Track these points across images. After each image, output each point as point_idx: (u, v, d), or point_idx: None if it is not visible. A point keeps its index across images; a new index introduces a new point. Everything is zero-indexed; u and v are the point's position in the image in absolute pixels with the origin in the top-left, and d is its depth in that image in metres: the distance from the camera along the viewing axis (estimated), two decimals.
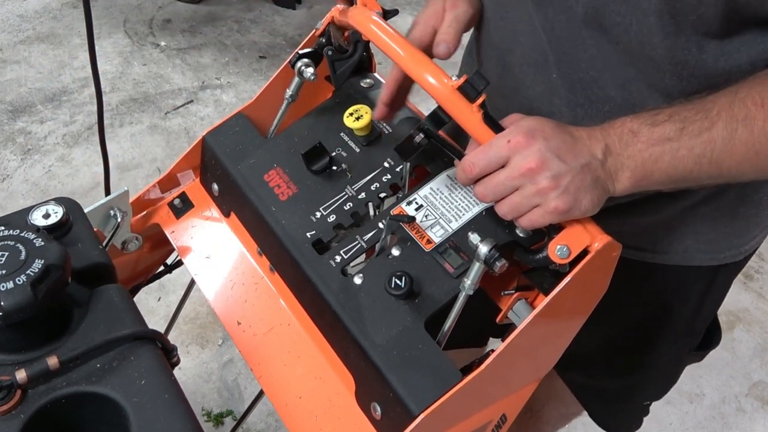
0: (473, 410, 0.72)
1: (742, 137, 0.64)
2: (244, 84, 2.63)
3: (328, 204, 0.79)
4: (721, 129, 0.64)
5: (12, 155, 2.32)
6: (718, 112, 0.65)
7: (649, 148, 0.65)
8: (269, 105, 0.91)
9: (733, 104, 0.64)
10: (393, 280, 0.69)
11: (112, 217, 0.86)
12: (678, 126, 0.65)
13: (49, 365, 0.59)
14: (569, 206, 0.64)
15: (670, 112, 0.66)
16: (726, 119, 0.64)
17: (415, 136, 0.70)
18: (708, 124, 0.64)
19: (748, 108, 0.64)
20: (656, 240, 0.90)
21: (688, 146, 0.65)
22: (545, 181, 0.63)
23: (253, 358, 0.78)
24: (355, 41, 0.87)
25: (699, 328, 1.05)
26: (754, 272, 2.13)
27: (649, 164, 0.65)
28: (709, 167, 0.66)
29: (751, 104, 0.64)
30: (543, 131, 0.64)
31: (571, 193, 0.64)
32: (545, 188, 0.63)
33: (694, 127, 0.64)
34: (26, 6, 2.98)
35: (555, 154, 0.63)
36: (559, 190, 0.63)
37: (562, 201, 0.64)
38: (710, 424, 1.78)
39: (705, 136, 0.64)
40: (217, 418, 1.70)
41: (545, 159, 0.63)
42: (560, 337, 0.78)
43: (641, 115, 0.66)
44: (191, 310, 1.90)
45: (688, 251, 0.91)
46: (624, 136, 0.65)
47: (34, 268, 0.58)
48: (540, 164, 0.63)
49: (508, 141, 0.64)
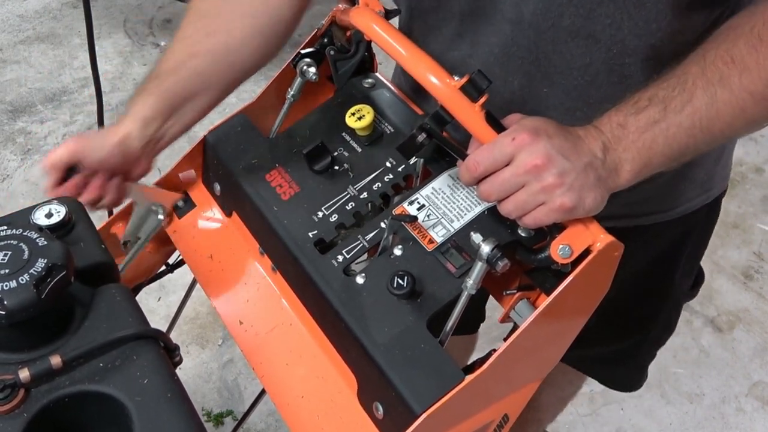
0: (475, 410, 0.72)
1: (723, 98, 0.65)
2: (245, 84, 2.62)
3: (330, 204, 0.79)
4: (701, 96, 0.65)
5: (12, 155, 2.32)
6: (693, 81, 0.65)
7: (641, 136, 0.66)
8: (271, 105, 0.91)
9: (705, 69, 0.65)
10: (395, 279, 0.69)
11: (153, 212, 0.87)
12: (660, 107, 0.65)
13: (52, 364, 0.58)
14: (574, 203, 0.64)
15: (648, 96, 0.66)
16: (702, 86, 0.65)
17: (417, 135, 0.71)
18: (687, 96, 0.65)
19: (720, 69, 0.65)
20: (658, 201, 0.92)
21: (676, 123, 0.65)
22: (551, 178, 0.63)
23: (255, 357, 0.78)
24: (357, 41, 0.87)
25: (696, 268, 1.10)
26: (754, 272, 2.13)
27: (644, 151, 0.66)
28: (703, 135, 0.66)
29: (721, 64, 0.65)
30: (546, 130, 0.65)
31: (576, 190, 0.64)
32: (551, 185, 0.63)
33: (675, 103, 0.65)
34: (26, 6, 2.98)
35: (559, 152, 0.64)
36: (565, 188, 0.64)
37: (567, 198, 0.64)
38: (710, 424, 1.79)
39: (688, 109, 0.65)
40: (217, 418, 1.70)
41: (550, 156, 0.63)
42: (562, 337, 0.78)
43: (622, 106, 0.67)
44: (191, 310, 1.90)
45: (689, 200, 0.94)
46: (614, 131, 0.66)
47: (37, 267, 0.58)
48: (546, 161, 0.63)
49: (512, 138, 0.64)
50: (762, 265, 2.15)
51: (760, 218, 2.26)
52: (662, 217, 0.95)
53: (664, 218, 0.95)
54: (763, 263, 2.16)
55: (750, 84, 0.64)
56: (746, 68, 0.64)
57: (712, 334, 1.98)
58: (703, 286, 1.14)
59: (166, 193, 0.89)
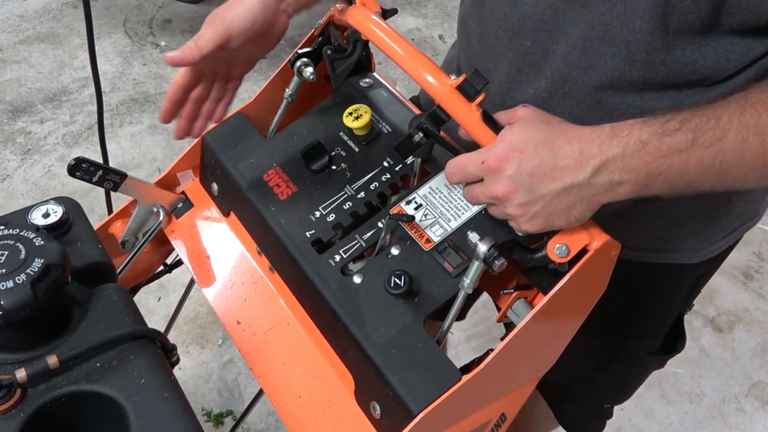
0: (473, 409, 0.72)
1: (752, 146, 0.61)
2: (243, 84, 2.62)
3: (327, 203, 0.79)
4: (732, 138, 0.61)
5: (12, 155, 2.32)
6: (729, 119, 0.61)
7: (658, 160, 0.61)
8: (268, 104, 0.91)
9: (743, 110, 0.61)
10: (392, 279, 0.69)
11: (154, 213, 0.87)
12: (689, 136, 0.61)
13: (49, 364, 0.59)
14: (540, 228, 0.65)
15: (680, 119, 0.61)
16: (737, 127, 0.61)
17: (414, 135, 0.71)
18: (720, 133, 0.61)
19: (760, 114, 0.61)
20: (641, 237, 0.88)
21: (698, 157, 0.61)
22: (512, 209, 0.65)
23: (253, 357, 0.78)
24: (354, 41, 0.87)
25: (662, 329, 1.03)
26: (754, 272, 2.13)
27: (653, 176, 0.62)
28: (715, 177, 0.63)
29: (762, 109, 0.61)
30: (522, 151, 0.63)
31: (541, 217, 0.64)
32: (513, 214, 0.65)
33: (705, 137, 0.61)
34: (26, 6, 2.98)
35: (527, 180, 0.62)
36: (528, 216, 0.64)
37: (530, 225, 0.65)
38: (710, 424, 1.78)
39: (716, 147, 0.61)
40: (217, 418, 1.70)
41: (513, 188, 0.63)
42: (559, 336, 0.78)
43: (650, 121, 0.62)
44: (191, 310, 1.90)
45: (674, 249, 0.90)
46: (630, 147, 0.61)
47: (33, 267, 0.58)
48: (507, 193, 0.64)
49: (482, 162, 0.64)
50: (762, 265, 2.15)
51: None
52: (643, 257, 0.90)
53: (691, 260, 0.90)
54: (763, 263, 2.16)
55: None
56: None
57: (712, 334, 1.98)
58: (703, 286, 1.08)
59: (166, 194, 0.90)
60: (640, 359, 1.06)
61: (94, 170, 0.77)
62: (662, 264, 0.92)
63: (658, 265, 0.92)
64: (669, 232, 0.89)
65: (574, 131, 0.64)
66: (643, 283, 0.95)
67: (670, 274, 0.94)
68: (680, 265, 0.92)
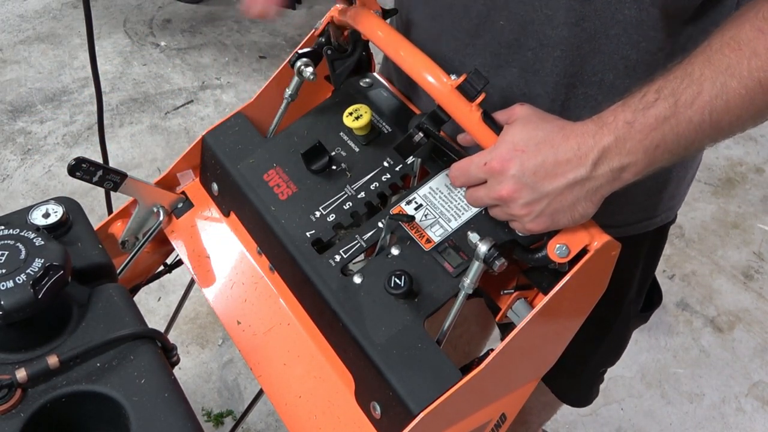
0: (473, 409, 0.72)
1: (732, 89, 0.61)
2: (244, 84, 2.63)
3: (327, 203, 0.79)
4: (710, 88, 0.61)
5: (12, 155, 2.32)
6: (701, 71, 0.61)
7: (650, 134, 0.62)
8: (269, 105, 0.91)
9: (711, 58, 0.61)
10: (392, 279, 0.69)
11: (154, 213, 0.87)
12: (670, 101, 0.61)
13: (49, 364, 0.59)
14: (545, 227, 0.65)
15: (656, 89, 0.62)
16: (710, 76, 0.61)
17: (414, 135, 0.71)
18: (697, 88, 0.61)
19: (727, 56, 0.61)
20: (617, 213, 0.89)
21: (687, 118, 0.61)
22: (517, 209, 0.65)
23: (253, 357, 0.78)
24: (355, 41, 0.87)
25: (644, 290, 1.07)
26: (754, 272, 2.13)
27: (651, 151, 0.62)
28: (711, 130, 0.63)
29: (728, 51, 0.61)
30: (524, 150, 0.63)
31: (546, 215, 0.64)
32: (518, 214, 0.65)
33: (685, 97, 0.61)
34: (26, 6, 2.98)
35: (531, 179, 0.63)
36: (533, 215, 0.65)
37: (535, 224, 0.65)
38: (710, 424, 1.78)
39: (698, 102, 0.61)
40: (217, 418, 1.70)
41: (517, 188, 0.63)
42: (560, 336, 0.78)
43: (629, 101, 0.63)
44: (191, 310, 1.90)
45: (656, 215, 0.93)
46: (620, 131, 0.62)
47: (34, 267, 0.58)
48: (511, 193, 0.64)
49: (484, 163, 0.65)
50: (762, 265, 2.15)
51: (760, 218, 2.26)
52: (628, 231, 0.92)
53: (628, 232, 0.92)
54: (763, 263, 2.16)
55: (758, 70, 0.60)
56: (755, 53, 0.60)
57: (712, 334, 1.98)
58: (703, 286, 1.12)
59: (166, 194, 0.90)
60: (631, 320, 1.10)
61: (94, 170, 0.78)
62: (648, 231, 0.95)
63: (645, 234, 0.95)
64: (652, 200, 0.91)
65: (569, 127, 0.64)
66: (635, 252, 0.97)
67: (655, 237, 0.98)
68: (662, 226, 0.96)
